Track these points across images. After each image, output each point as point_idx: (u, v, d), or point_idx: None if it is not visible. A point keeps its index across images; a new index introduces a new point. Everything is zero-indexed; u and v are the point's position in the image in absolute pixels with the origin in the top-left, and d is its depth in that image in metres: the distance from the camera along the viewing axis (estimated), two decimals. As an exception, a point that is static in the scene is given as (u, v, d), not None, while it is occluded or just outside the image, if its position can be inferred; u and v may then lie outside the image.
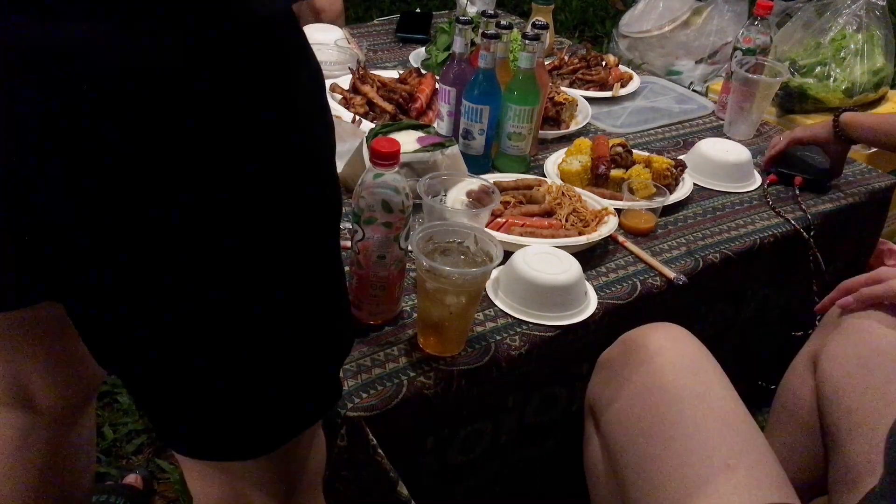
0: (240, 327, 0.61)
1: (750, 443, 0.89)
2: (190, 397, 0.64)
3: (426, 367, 0.97)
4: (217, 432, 0.68)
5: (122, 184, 0.52)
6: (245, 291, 0.60)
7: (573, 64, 1.86)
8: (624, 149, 1.41)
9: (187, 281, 0.57)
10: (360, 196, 0.94)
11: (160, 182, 0.53)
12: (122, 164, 0.51)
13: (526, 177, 1.33)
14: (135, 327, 0.59)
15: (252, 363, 0.64)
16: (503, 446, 1.11)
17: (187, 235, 0.55)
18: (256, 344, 0.63)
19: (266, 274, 0.61)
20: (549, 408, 1.13)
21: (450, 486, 1.09)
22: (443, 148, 1.26)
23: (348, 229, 0.99)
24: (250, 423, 0.68)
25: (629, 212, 1.29)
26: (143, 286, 0.57)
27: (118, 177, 0.52)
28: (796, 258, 1.39)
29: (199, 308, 0.59)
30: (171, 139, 0.52)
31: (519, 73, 1.35)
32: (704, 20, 2.52)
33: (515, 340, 1.03)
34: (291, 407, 0.70)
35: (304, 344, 0.68)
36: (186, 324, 0.59)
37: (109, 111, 0.49)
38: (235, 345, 0.62)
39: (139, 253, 0.55)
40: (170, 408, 0.66)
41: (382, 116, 1.52)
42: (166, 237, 0.55)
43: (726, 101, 1.70)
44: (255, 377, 0.65)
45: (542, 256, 1.08)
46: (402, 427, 0.94)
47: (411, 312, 1.05)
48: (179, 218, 0.54)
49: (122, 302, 0.58)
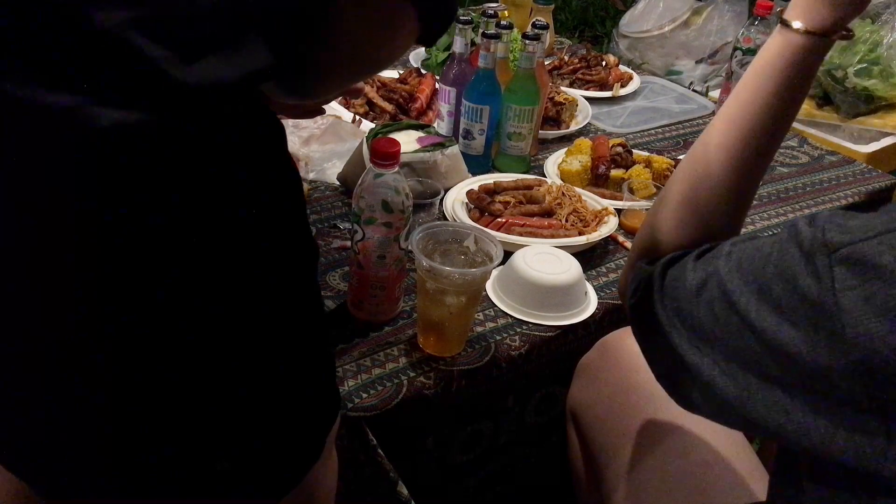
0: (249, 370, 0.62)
1: (727, 439, 0.89)
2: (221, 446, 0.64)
3: (426, 367, 0.97)
4: (251, 477, 0.67)
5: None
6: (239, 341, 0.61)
7: (573, 64, 1.86)
8: (624, 149, 1.41)
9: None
10: (360, 196, 0.94)
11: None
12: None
13: (526, 177, 1.33)
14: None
15: (267, 405, 0.64)
16: (503, 446, 1.11)
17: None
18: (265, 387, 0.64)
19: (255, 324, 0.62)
20: (549, 408, 1.13)
21: (450, 486, 1.09)
22: (443, 148, 1.26)
23: (348, 229, 0.99)
24: (277, 463, 0.68)
25: (629, 212, 1.29)
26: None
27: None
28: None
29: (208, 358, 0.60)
30: (109, 220, 0.52)
31: (519, 73, 1.35)
32: (704, 20, 2.52)
33: (515, 340, 1.03)
34: (304, 436, 0.71)
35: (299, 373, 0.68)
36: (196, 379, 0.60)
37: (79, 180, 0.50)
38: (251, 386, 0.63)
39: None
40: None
41: (382, 116, 1.52)
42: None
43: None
44: (272, 418, 0.65)
45: (542, 256, 1.08)
46: (402, 427, 0.94)
47: (411, 312, 1.05)
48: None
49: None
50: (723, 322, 0.59)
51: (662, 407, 0.91)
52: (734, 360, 0.58)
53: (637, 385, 0.94)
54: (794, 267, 0.53)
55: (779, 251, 0.56)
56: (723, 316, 0.59)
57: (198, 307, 0.57)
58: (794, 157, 1.63)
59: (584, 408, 1.00)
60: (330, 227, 1.22)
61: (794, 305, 0.53)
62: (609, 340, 1.03)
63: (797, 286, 0.53)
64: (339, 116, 1.49)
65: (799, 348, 0.52)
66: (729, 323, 0.58)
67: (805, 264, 0.53)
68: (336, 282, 1.10)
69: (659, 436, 0.89)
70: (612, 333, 1.03)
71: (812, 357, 0.51)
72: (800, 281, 0.53)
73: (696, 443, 0.87)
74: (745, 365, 0.57)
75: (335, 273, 1.11)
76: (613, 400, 0.96)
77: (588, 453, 0.99)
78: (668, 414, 0.91)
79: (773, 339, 0.54)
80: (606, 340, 1.03)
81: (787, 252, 0.55)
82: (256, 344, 0.62)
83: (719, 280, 0.60)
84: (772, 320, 0.54)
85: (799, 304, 0.53)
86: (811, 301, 0.52)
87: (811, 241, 0.53)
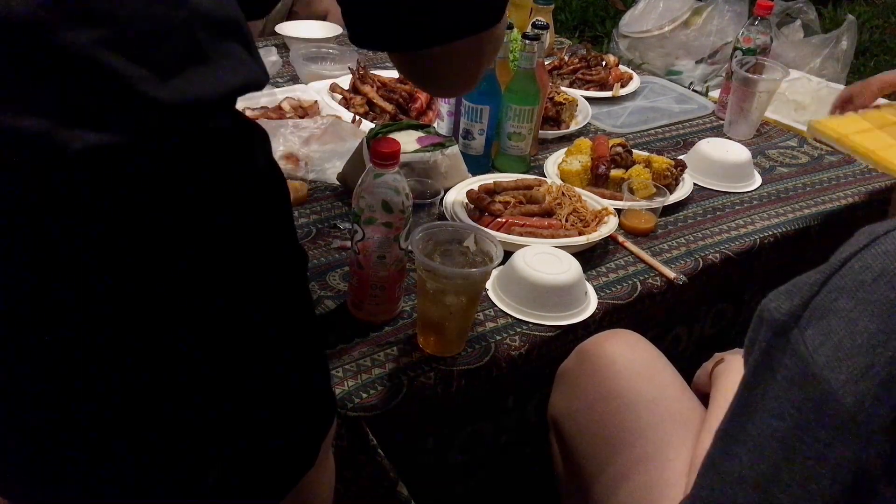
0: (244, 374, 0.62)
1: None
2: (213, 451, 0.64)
3: (426, 367, 0.97)
4: (247, 480, 0.67)
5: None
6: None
7: (573, 64, 1.86)
8: (624, 149, 1.41)
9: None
10: (360, 196, 0.94)
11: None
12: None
13: (526, 177, 1.33)
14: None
15: (259, 407, 0.64)
16: (503, 446, 1.11)
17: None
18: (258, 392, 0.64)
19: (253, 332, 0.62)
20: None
21: (450, 486, 1.09)
22: (443, 148, 1.26)
23: (348, 229, 0.99)
24: (270, 469, 0.67)
25: (629, 212, 1.29)
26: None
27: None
28: (796, 258, 1.39)
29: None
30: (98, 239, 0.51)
31: (519, 73, 1.35)
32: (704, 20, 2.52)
33: (515, 340, 1.03)
34: (297, 442, 0.70)
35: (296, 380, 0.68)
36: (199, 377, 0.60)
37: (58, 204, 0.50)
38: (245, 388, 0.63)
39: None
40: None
41: (382, 116, 1.52)
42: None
43: (726, 101, 1.71)
44: (269, 419, 0.65)
45: (542, 256, 1.08)
46: (402, 427, 0.94)
47: (411, 312, 1.05)
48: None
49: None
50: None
51: (643, 413, 0.92)
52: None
53: (618, 392, 0.94)
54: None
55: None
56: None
57: (187, 316, 0.57)
58: (794, 158, 1.63)
59: (566, 416, 1.00)
60: (330, 227, 1.22)
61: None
62: (587, 347, 1.01)
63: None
64: (339, 116, 1.49)
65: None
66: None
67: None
68: (336, 282, 1.10)
69: (641, 442, 0.89)
70: (590, 339, 1.02)
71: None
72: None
73: (679, 448, 0.87)
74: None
75: (335, 273, 1.11)
76: (594, 407, 0.96)
77: (572, 461, 0.99)
78: (648, 420, 0.91)
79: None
80: (584, 347, 1.02)
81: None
82: (247, 351, 0.61)
83: None
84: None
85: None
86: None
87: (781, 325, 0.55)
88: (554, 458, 1.06)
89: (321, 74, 1.69)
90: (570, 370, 1.02)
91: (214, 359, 0.59)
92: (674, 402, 0.93)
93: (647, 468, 0.87)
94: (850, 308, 0.53)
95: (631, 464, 0.88)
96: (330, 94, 1.60)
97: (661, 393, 0.94)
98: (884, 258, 0.53)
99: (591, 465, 0.94)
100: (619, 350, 0.98)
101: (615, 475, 0.90)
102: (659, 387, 0.95)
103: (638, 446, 0.89)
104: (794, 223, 1.38)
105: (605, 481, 0.91)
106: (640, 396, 0.93)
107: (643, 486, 0.86)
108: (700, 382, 0.98)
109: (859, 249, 0.55)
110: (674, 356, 1.02)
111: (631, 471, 0.88)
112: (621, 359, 0.97)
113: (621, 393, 0.94)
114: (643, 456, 0.88)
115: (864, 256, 0.54)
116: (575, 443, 0.98)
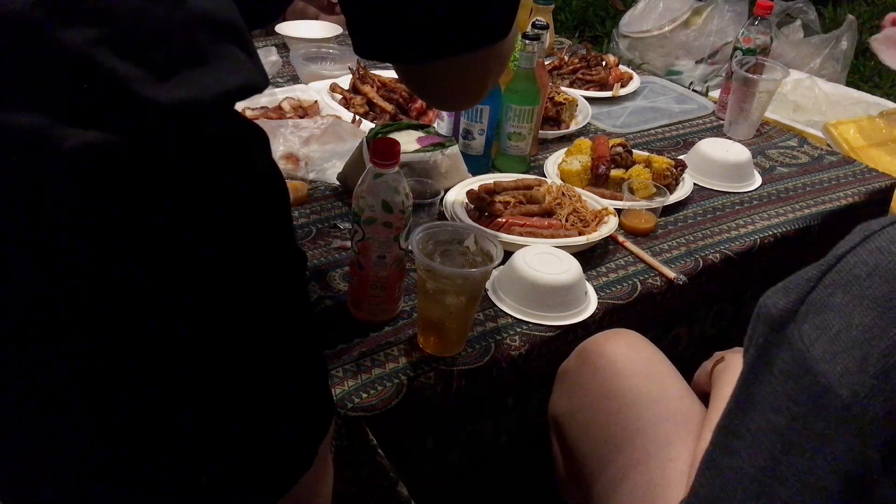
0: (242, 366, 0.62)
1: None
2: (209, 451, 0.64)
3: (426, 367, 0.96)
4: (239, 482, 0.67)
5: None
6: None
7: (573, 64, 1.86)
8: (624, 149, 1.41)
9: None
10: (360, 196, 0.94)
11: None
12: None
13: (526, 177, 1.33)
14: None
15: (258, 407, 0.64)
16: (503, 446, 1.11)
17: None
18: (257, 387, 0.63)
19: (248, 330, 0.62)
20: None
21: (450, 487, 1.09)
22: (443, 148, 1.26)
23: (348, 229, 0.99)
24: (267, 471, 0.67)
25: (629, 212, 1.29)
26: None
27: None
28: (796, 258, 1.39)
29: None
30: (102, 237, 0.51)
31: (519, 73, 1.35)
32: (704, 20, 2.52)
33: (515, 340, 1.03)
34: (295, 444, 0.70)
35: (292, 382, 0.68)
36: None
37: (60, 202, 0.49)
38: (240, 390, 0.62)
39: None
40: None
41: (382, 116, 1.52)
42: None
43: (726, 101, 1.71)
44: (263, 420, 0.65)
45: (542, 256, 1.08)
46: (402, 427, 0.94)
47: (411, 312, 1.05)
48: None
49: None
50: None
51: (644, 412, 0.91)
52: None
53: (619, 391, 0.94)
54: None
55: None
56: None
57: (185, 316, 0.56)
58: (794, 157, 1.63)
59: (566, 416, 1.00)
60: (330, 227, 1.22)
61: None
62: (587, 346, 1.01)
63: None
64: (339, 116, 1.49)
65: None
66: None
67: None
68: (336, 282, 1.10)
69: (642, 441, 0.89)
70: (591, 339, 1.02)
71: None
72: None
73: (680, 448, 0.87)
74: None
75: (335, 273, 1.11)
76: (595, 406, 0.96)
77: (573, 461, 0.99)
78: (649, 419, 0.91)
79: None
80: (585, 346, 1.02)
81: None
82: (245, 352, 0.61)
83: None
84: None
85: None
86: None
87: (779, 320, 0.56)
88: (554, 457, 1.06)
89: (321, 74, 1.69)
90: (571, 370, 1.02)
91: (212, 359, 0.59)
92: (674, 402, 0.93)
93: (647, 467, 0.87)
94: (846, 303, 0.54)
95: (632, 463, 0.88)
96: (330, 94, 1.61)
97: (661, 392, 0.94)
98: (878, 254, 0.54)
99: (591, 464, 0.94)
100: (620, 350, 0.98)
101: (616, 474, 0.90)
102: (660, 386, 0.95)
103: (639, 445, 0.89)
104: (794, 223, 1.38)
105: (606, 481, 0.91)
106: (640, 396, 0.93)
107: (644, 486, 0.86)
108: (700, 382, 0.98)
109: (854, 246, 0.56)
110: (674, 356, 1.02)
111: (631, 470, 0.88)
112: (622, 358, 0.97)
113: (622, 392, 0.94)
114: (644, 455, 0.88)
115: (859, 252, 0.55)
116: (576, 442, 0.98)
